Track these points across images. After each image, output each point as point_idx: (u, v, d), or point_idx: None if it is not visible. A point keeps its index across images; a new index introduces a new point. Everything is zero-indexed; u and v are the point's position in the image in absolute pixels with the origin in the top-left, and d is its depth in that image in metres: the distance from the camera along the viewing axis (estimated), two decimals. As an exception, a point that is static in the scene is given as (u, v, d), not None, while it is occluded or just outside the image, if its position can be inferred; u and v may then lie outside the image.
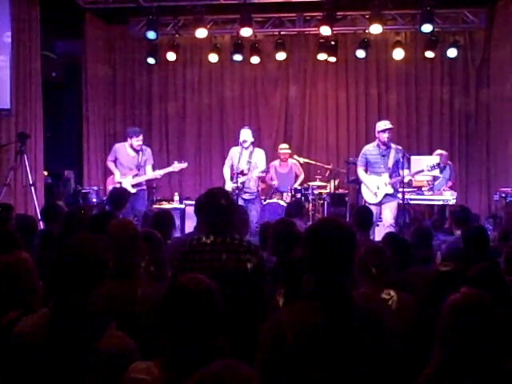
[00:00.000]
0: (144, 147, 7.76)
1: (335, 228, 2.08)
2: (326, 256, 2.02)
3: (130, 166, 7.65)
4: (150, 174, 7.73)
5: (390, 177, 7.12)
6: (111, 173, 7.98)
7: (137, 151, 7.66)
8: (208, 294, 1.94)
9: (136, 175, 7.61)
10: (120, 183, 7.54)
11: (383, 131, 7.14)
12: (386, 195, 7.14)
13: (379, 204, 7.17)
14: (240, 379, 1.47)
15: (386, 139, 7.12)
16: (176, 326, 1.89)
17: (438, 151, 8.75)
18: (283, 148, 9.08)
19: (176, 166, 7.90)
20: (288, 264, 3.05)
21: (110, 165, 7.87)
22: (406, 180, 7.20)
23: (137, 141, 7.59)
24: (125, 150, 7.71)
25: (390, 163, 7.15)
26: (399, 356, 2.46)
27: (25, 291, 2.51)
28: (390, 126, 7.18)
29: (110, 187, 7.72)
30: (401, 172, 7.05)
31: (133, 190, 7.44)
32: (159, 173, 7.83)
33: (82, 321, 2.09)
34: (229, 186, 7.68)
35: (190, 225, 7.68)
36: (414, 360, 2.59)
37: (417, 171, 7.41)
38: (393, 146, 7.21)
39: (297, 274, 2.74)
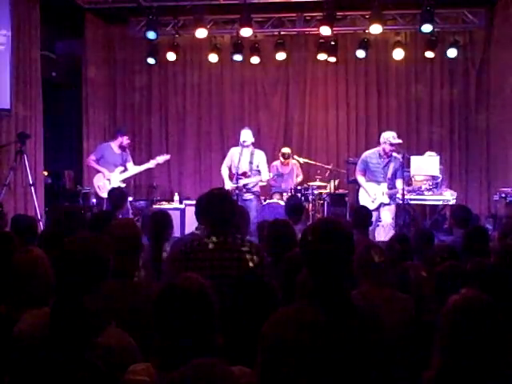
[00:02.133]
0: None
1: (333, 228, 2.08)
2: (324, 256, 2.02)
3: (115, 163, 7.95)
4: (135, 169, 8.10)
5: (389, 186, 7.13)
6: (97, 172, 8.12)
7: (124, 149, 8.02)
8: (202, 293, 1.92)
9: (123, 171, 7.98)
10: (109, 179, 7.82)
11: (391, 145, 7.06)
12: (383, 204, 7.16)
13: (377, 209, 7.19)
14: (214, 379, 1.47)
15: (391, 152, 7.10)
16: (170, 326, 1.88)
17: (428, 153, 8.67)
18: (284, 153, 8.99)
19: (160, 159, 8.19)
20: (285, 264, 3.05)
21: (94, 164, 8.06)
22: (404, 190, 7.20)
23: (127, 139, 8.04)
24: (111, 148, 8.02)
25: (390, 173, 7.16)
26: (399, 356, 2.46)
27: (44, 288, 2.53)
28: (399, 140, 7.09)
29: (100, 184, 7.90)
30: (397, 182, 7.06)
31: (122, 185, 7.80)
32: (144, 167, 8.19)
33: (82, 320, 2.09)
34: (228, 185, 7.68)
35: (190, 225, 7.68)
36: (414, 360, 2.59)
37: (415, 189, 7.43)
38: (394, 154, 7.20)
39: (294, 273, 2.74)
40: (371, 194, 7.17)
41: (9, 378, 2.21)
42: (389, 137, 7.10)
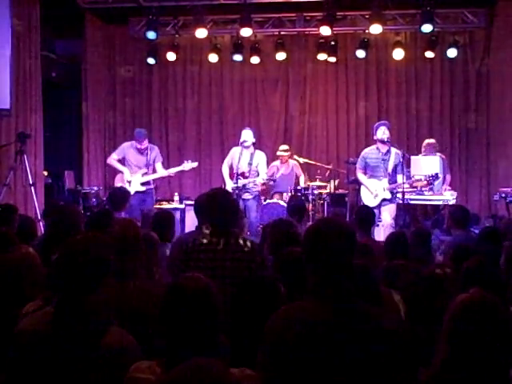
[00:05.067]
0: (151, 146, 7.84)
1: (335, 227, 2.08)
2: (326, 256, 2.02)
3: (139, 164, 7.68)
4: (162, 171, 7.81)
5: (390, 181, 7.13)
6: (116, 172, 7.95)
7: (141, 152, 7.71)
8: (206, 293, 1.94)
9: (145, 174, 7.67)
10: (129, 181, 7.58)
11: (378, 127, 7.18)
12: (384, 199, 7.16)
13: (378, 207, 7.18)
14: (211, 379, 1.47)
15: (383, 137, 7.10)
16: (175, 326, 1.89)
17: (426, 141, 8.69)
18: (282, 150, 9.01)
19: (186, 166, 7.93)
20: (285, 261, 3.05)
21: (115, 163, 7.82)
22: (405, 186, 7.20)
23: (139, 145, 7.67)
24: (134, 149, 7.75)
25: (390, 168, 7.15)
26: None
27: (33, 284, 2.53)
28: (382, 121, 7.22)
29: (118, 185, 7.62)
30: (398, 177, 7.06)
31: (142, 188, 7.60)
32: (170, 171, 7.91)
33: (85, 319, 2.10)
34: (229, 185, 7.68)
35: (190, 225, 7.68)
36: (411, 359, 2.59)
37: (416, 180, 7.41)
38: (392, 149, 7.21)
39: (295, 271, 2.74)
40: (372, 191, 7.17)
41: (5, 376, 2.21)
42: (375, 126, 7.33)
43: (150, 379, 1.87)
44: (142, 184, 7.64)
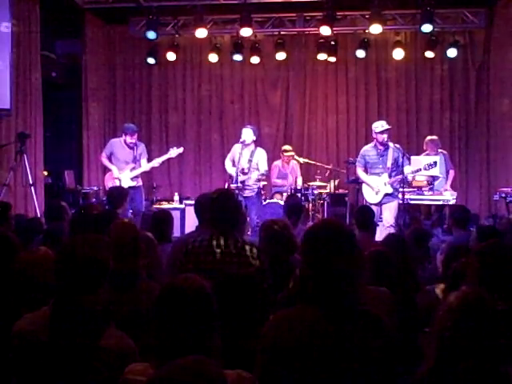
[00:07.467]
0: (138, 142, 7.86)
1: (335, 230, 2.04)
2: (325, 259, 1.99)
3: (126, 159, 7.70)
4: (146, 165, 7.81)
5: (390, 176, 7.12)
6: (108, 170, 7.97)
7: (131, 147, 7.75)
8: (201, 294, 1.91)
9: (133, 168, 7.70)
10: (119, 178, 7.59)
11: (381, 132, 7.13)
12: (386, 195, 7.14)
13: (379, 204, 7.17)
14: (201, 377, 1.47)
15: (384, 140, 7.11)
16: (169, 326, 1.87)
17: (429, 137, 8.70)
18: (287, 151, 9.04)
19: (173, 152, 7.95)
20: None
21: (105, 161, 7.88)
22: (409, 178, 7.18)
23: (130, 139, 7.69)
24: (121, 145, 7.78)
25: (389, 163, 7.14)
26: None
27: (46, 289, 2.53)
28: (387, 126, 7.16)
29: (109, 183, 7.69)
30: (406, 168, 7.05)
31: (133, 183, 7.61)
32: (157, 161, 7.90)
33: (82, 320, 2.09)
34: (233, 172, 7.70)
35: (190, 225, 7.68)
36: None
37: (416, 170, 7.40)
38: (391, 144, 7.20)
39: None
40: (374, 187, 7.16)
41: (15, 378, 2.21)
42: (377, 126, 7.21)
43: (143, 381, 1.86)
44: (132, 179, 7.66)
